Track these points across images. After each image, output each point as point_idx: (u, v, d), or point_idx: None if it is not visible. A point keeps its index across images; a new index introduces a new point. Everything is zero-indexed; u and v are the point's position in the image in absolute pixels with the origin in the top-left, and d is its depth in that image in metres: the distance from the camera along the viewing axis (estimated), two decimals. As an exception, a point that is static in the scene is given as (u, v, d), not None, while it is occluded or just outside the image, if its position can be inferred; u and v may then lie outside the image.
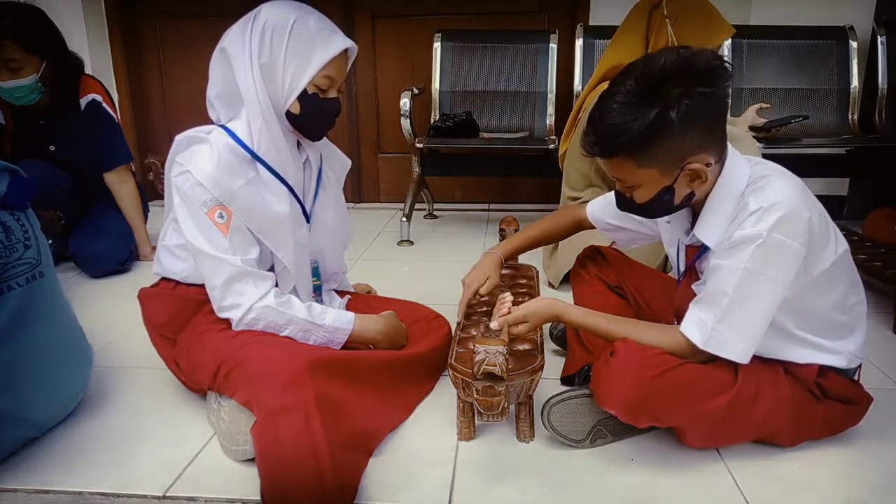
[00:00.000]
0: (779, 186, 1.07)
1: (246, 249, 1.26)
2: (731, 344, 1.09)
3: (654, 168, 1.07)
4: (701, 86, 1.01)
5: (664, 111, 1.01)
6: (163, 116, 3.55)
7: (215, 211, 1.22)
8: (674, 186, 1.09)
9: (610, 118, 1.05)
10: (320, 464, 1.03)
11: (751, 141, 1.96)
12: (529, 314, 1.22)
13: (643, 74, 1.03)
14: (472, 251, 2.62)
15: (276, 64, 1.23)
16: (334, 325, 1.32)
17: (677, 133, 1.02)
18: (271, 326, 1.27)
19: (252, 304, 1.24)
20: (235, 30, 1.26)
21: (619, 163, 1.09)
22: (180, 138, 1.28)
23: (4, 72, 2.03)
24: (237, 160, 1.26)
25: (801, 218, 1.04)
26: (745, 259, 1.04)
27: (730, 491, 1.12)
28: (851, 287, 1.18)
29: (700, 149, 1.06)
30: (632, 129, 1.02)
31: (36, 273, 1.21)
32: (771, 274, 1.05)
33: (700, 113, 1.02)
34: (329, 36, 1.26)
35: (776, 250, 1.03)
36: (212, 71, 1.30)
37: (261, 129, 1.26)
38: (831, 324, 1.17)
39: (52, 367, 1.26)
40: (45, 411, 1.27)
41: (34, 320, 1.20)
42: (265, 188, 1.29)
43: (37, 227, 1.27)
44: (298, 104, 1.27)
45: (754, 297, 1.06)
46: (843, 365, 1.18)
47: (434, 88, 3.03)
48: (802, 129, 2.65)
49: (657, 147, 1.04)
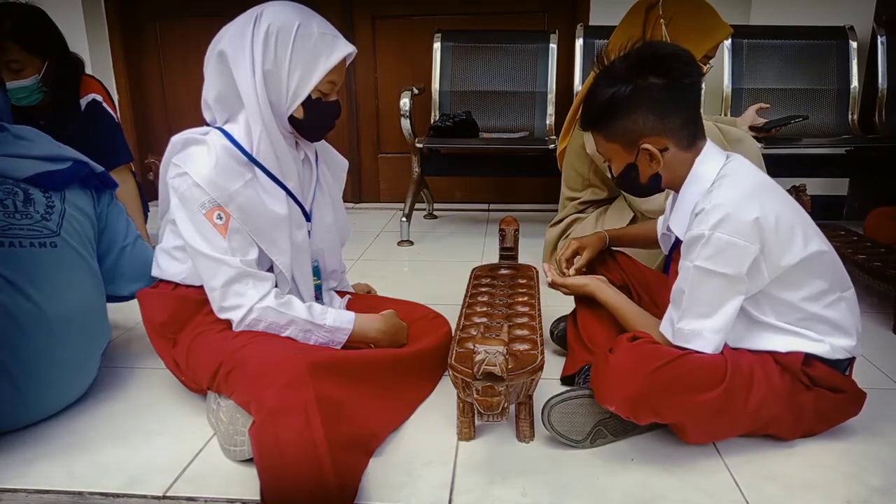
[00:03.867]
0: (727, 189, 1.14)
1: (245, 250, 1.26)
2: (694, 336, 1.15)
3: (616, 143, 1.21)
4: (654, 74, 1.14)
5: (621, 92, 1.15)
6: (163, 116, 3.55)
7: (214, 212, 1.22)
8: (636, 164, 1.20)
9: (588, 97, 1.23)
10: (320, 464, 1.03)
11: (751, 141, 1.96)
12: (587, 286, 1.41)
13: (618, 59, 1.18)
14: (472, 251, 2.62)
15: (280, 70, 1.23)
16: (335, 324, 1.32)
17: (629, 112, 1.16)
18: (272, 327, 1.27)
19: (252, 305, 1.25)
20: (234, 31, 1.25)
21: (595, 137, 1.25)
22: (176, 140, 1.28)
23: (6, 73, 2.03)
24: (235, 162, 1.26)
25: (744, 217, 1.10)
26: (693, 258, 1.12)
27: (729, 491, 1.12)
28: (834, 284, 1.20)
29: (654, 132, 1.16)
30: (597, 104, 1.19)
31: (46, 241, 1.30)
32: (719, 269, 1.11)
33: (652, 99, 1.14)
34: (332, 42, 1.26)
35: (720, 248, 1.10)
36: (208, 73, 1.29)
37: (260, 134, 1.26)
38: (812, 317, 1.19)
39: (52, 339, 1.28)
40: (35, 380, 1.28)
41: (38, 283, 1.26)
42: (263, 191, 1.29)
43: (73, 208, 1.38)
44: (302, 109, 1.28)
45: (707, 291, 1.13)
46: (826, 353, 1.19)
47: (434, 88, 3.03)
48: (802, 129, 2.65)
49: (614, 123, 1.18)
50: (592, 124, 1.23)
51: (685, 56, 1.16)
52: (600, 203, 2.07)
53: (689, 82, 1.16)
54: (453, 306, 1.53)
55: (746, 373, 1.15)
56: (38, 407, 1.31)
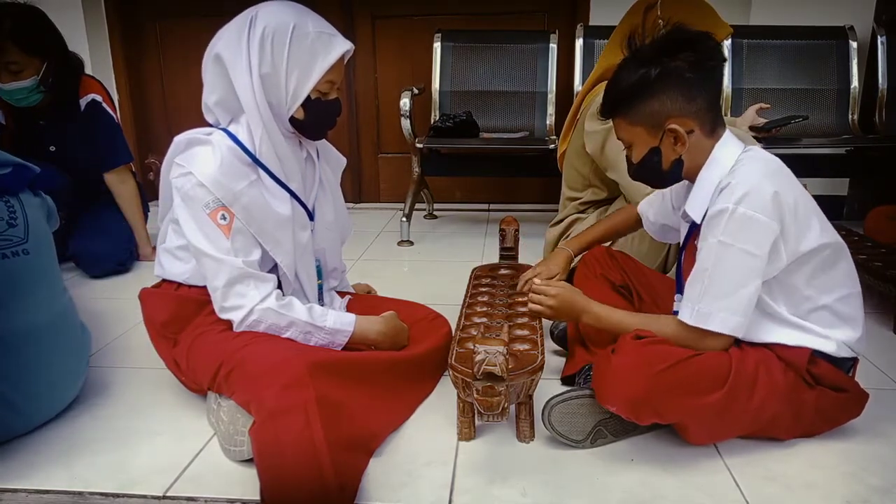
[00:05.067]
0: (748, 167, 1.15)
1: (248, 251, 1.26)
2: (714, 315, 1.14)
3: (641, 126, 1.20)
4: (682, 55, 1.14)
5: (647, 73, 1.15)
6: (163, 116, 3.55)
7: (218, 213, 1.22)
8: (660, 148, 1.19)
9: (612, 82, 1.22)
10: (321, 464, 1.03)
11: (751, 141, 1.95)
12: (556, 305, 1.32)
13: (644, 46, 1.19)
14: (472, 251, 2.62)
15: (278, 73, 1.23)
16: (335, 326, 1.32)
17: (657, 92, 1.15)
18: (273, 328, 1.27)
19: (253, 307, 1.25)
20: (230, 34, 1.24)
21: (618, 123, 1.24)
22: (179, 139, 1.28)
23: (5, 74, 2.03)
24: (239, 162, 1.26)
25: (765, 192, 1.10)
26: (717, 233, 1.12)
27: (730, 491, 1.12)
28: (847, 278, 1.21)
29: (680, 112, 1.16)
30: (622, 87, 1.19)
31: (19, 250, 1.25)
32: (742, 246, 1.11)
33: (680, 79, 1.14)
34: (329, 40, 1.25)
35: (744, 223, 1.10)
36: (206, 76, 1.28)
37: (261, 136, 1.26)
38: (822, 308, 1.19)
39: (40, 349, 1.26)
40: (33, 398, 1.26)
41: (17, 295, 1.22)
42: (267, 192, 1.29)
43: (34, 211, 1.32)
44: (302, 110, 1.28)
45: (730, 268, 1.12)
46: (832, 351, 1.19)
47: (434, 88, 3.03)
48: (802, 129, 2.65)
49: (641, 105, 1.17)
50: (616, 108, 1.22)
51: (711, 39, 1.17)
52: (601, 203, 2.07)
53: (714, 64, 1.17)
54: (453, 306, 1.53)
55: (750, 374, 1.14)
56: (34, 417, 1.29)
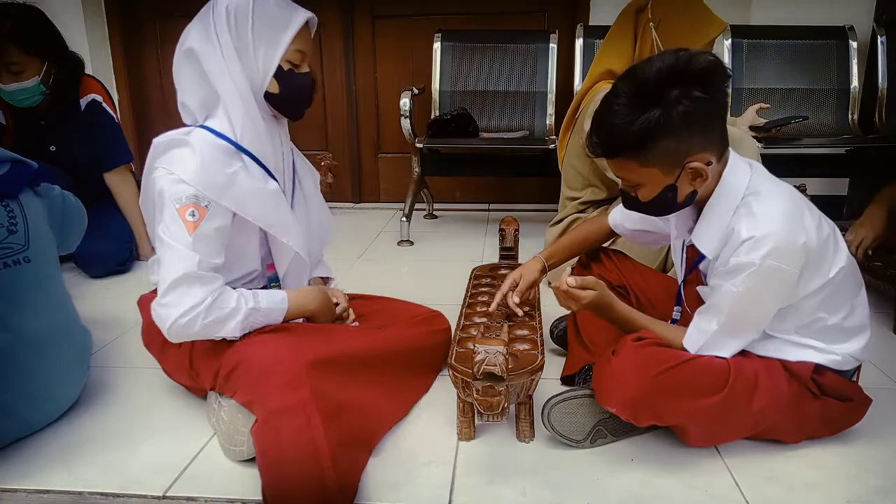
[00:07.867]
0: (772, 213, 1.09)
1: (209, 254, 1.21)
2: (719, 347, 1.17)
3: (655, 167, 1.09)
4: (698, 88, 1.04)
5: (664, 113, 1.03)
6: (163, 116, 3.55)
7: (187, 209, 1.20)
8: (676, 185, 1.11)
9: (612, 120, 1.08)
10: (321, 463, 1.03)
11: (751, 141, 1.95)
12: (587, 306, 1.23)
13: (643, 77, 1.06)
14: (472, 251, 2.62)
15: (245, 46, 1.23)
16: (269, 306, 1.28)
17: (676, 134, 1.06)
18: (211, 325, 1.21)
19: (187, 309, 1.18)
20: (195, 26, 1.25)
21: (622, 162, 1.12)
22: (158, 142, 1.26)
23: (6, 75, 2.03)
24: (221, 153, 1.24)
25: (795, 244, 1.08)
26: (739, 283, 1.09)
27: (730, 491, 1.12)
28: (854, 288, 1.20)
29: (700, 148, 1.08)
30: (632, 129, 1.05)
31: (20, 258, 1.23)
32: (763, 296, 1.12)
33: (698, 115, 1.05)
34: (290, 11, 1.26)
35: (769, 276, 1.08)
36: (178, 75, 1.28)
37: (243, 118, 1.25)
38: (831, 329, 1.18)
39: (43, 356, 1.26)
40: (35, 405, 1.26)
41: (20, 305, 1.21)
42: (252, 177, 1.29)
43: (35, 214, 1.29)
44: (276, 83, 1.27)
45: (747, 314, 1.14)
46: (838, 364, 1.19)
47: (434, 88, 3.02)
48: (802, 129, 2.64)
49: (657, 147, 1.06)
50: (622, 150, 1.10)
51: (720, 66, 1.06)
52: (600, 203, 2.07)
53: (728, 87, 1.10)
54: (453, 306, 1.53)
55: (750, 378, 1.14)
56: (34, 423, 1.29)
